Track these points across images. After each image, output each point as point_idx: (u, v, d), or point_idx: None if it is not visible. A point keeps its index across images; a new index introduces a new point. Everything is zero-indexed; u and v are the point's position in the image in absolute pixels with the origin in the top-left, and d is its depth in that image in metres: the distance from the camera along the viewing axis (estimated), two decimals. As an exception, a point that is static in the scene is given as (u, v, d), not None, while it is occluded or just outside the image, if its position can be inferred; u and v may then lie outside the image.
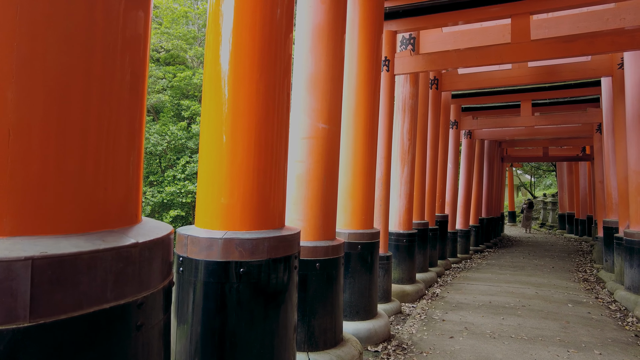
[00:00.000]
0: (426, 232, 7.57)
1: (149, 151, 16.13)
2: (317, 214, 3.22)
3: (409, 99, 6.55)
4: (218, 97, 2.30)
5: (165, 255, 1.29)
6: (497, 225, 16.57)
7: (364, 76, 4.31)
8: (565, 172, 20.36)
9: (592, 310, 5.84)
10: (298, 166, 3.24)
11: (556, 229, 21.15)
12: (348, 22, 4.41)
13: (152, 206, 15.43)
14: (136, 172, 1.31)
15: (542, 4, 5.31)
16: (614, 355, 4.05)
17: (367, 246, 4.30)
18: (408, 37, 6.68)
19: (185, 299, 2.31)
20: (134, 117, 1.28)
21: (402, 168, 6.53)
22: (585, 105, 10.65)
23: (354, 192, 4.36)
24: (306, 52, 3.25)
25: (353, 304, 4.20)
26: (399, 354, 3.95)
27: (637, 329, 5.00)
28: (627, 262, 6.32)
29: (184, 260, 2.29)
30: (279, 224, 2.35)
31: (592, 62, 7.66)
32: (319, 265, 3.16)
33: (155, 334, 1.22)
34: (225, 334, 2.21)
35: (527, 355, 3.98)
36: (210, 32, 2.38)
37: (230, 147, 2.24)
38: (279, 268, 2.25)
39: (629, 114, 6.43)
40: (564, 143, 15.72)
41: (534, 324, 5.02)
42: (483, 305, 5.89)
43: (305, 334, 3.19)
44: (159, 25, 18.30)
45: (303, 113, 3.24)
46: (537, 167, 29.87)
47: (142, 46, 1.29)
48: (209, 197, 2.29)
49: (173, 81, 17.27)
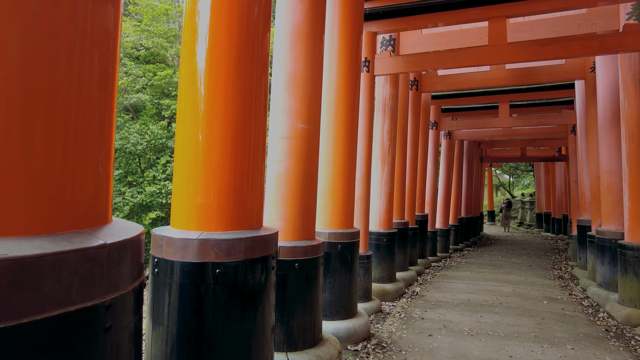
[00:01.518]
0: (406, 232, 7.64)
1: (129, 151, 15.85)
2: (297, 214, 3.22)
3: (389, 100, 6.61)
4: (194, 95, 2.27)
5: (135, 256, 1.27)
6: (477, 224, 16.86)
7: (343, 76, 4.33)
8: (542, 172, 20.87)
9: (566, 306, 6.00)
10: (277, 166, 3.23)
11: (534, 228, 21.65)
12: (328, 23, 4.42)
13: (130, 207, 15.15)
14: (106, 171, 1.28)
15: (518, 8, 5.43)
16: (585, 349, 4.17)
17: (347, 246, 4.32)
18: (388, 38, 6.74)
19: (160, 300, 2.27)
20: (103, 114, 1.26)
21: (383, 168, 6.58)
22: (561, 107, 10.94)
23: (334, 192, 4.37)
24: (285, 52, 3.24)
25: (333, 303, 4.21)
26: (379, 352, 3.98)
27: (607, 324, 5.16)
28: (599, 260, 6.51)
29: (159, 262, 2.26)
30: (257, 224, 2.34)
31: (566, 65, 7.88)
32: (298, 266, 3.16)
33: (125, 335, 1.20)
34: (201, 336, 2.19)
35: (503, 352, 4.06)
36: (186, 30, 2.35)
37: (207, 146, 2.22)
38: (256, 269, 2.25)
39: (601, 116, 6.63)
40: (541, 144, 16.10)
41: (511, 321, 5.13)
42: (462, 303, 5.98)
43: (284, 334, 3.19)
44: (139, 22, 17.99)
45: (282, 113, 3.24)
46: (516, 167, 30.51)
47: (112, 42, 1.27)
48: (185, 197, 2.27)
49: (153, 80, 17.00)
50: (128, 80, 16.24)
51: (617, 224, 6.29)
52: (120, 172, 15.98)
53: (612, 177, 6.38)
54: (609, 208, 6.45)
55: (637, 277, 5.22)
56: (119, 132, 15.93)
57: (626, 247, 5.40)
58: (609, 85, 6.51)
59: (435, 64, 5.92)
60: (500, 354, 4.02)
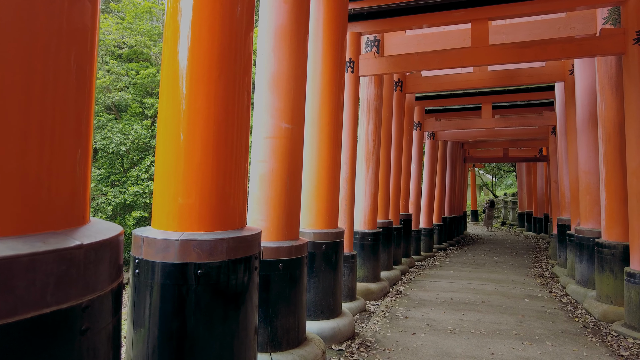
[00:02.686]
0: (391, 231, 7.70)
1: (112, 151, 15.60)
2: (280, 214, 3.22)
3: (373, 101, 6.64)
4: (176, 94, 2.25)
5: (114, 256, 1.25)
6: (460, 223, 17.08)
7: (328, 77, 4.34)
8: (524, 172, 21.25)
9: (546, 304, 6.12)
10: (261, 166, 3.22)
11: (516, 227, 22.02)
12: (312, 23, 4.42)
13: (113, 207, 14.92)
14: (83, 171, 1.26)
15: (500, 11, 5.53)
16: (563, 345, 4.26)
17: (332, 245, 4.33)
18: (373, 39, 6.78)
19: (141, 302, 2.25)
20: (80, 113, 1.24)
21: (367, 168, 6.61)
22: (541, 108, 11.16)
23: (319, 192, 4.38)
24: (269, 51, 3.23)
25: (317, 303, 4.22)
26: (363, 351, 4.00)
27: (585, 320, 5.28)
28: (578, 258, 6.67)
29: (140, 262, 2.23)
30: (239, 225, 2.33)
31: (546, 68, 8.04)
32: (282, 266, 3.16)
33: (102, 338, 1.18)
34: (183, 337, 2.17)
35: (485, 350, 4.12)
36: (168, 28, 2.33)
37: (188, 145, 2.20)
38: (239, 269, 2.24)
39: (579, 117, 6.79)
40: (523, 144, 16.39)
41: (493, 319, 5.21)
42: (445, 302, 6.05)
43: (268, 334, 3.18)
44: (121, 20, 17.72)
45: (266, 113, 3.23)
46: (499, 167, 31.00)
47: (90, 39, 1.25)
48: (166, 198, 2.24)
49: (136, 78, 16.76)
50: (110, 78, 15.97)
51: (595, 222, 6.45)
52: (103, 172, 15.73)
53: (590, 177, 6.54)
54: (587, 207, 6.61)
55: (613, 275, 5.36)
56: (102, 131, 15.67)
57: (603, 245, 5.54)
58: (586, 87, 6.67)
59: (419, 65, 5.98)
60: (482, 351, 4.08)
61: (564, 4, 5.19)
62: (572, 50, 5.22)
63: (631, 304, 4.67)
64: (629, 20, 5.07)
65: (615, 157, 5.47)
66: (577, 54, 5.27)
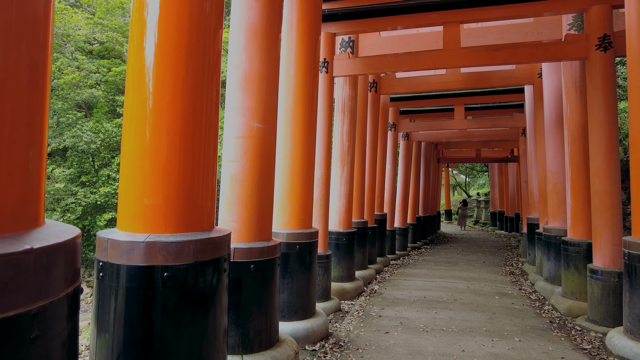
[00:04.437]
0: (365, 231, 7.75)
1: (81, 149, 15.14)
2: (252, 215, 3.18)
3: (348, 101, 6.67)
4: (142, 91, 2.19)
5: (69, 260, 1.20)
6: (434, 223, 17.36)
7: (301, 76, 4.32)
8: (496, 172, 21.78)
9: (516, 300, 6.28)
10: (232, 166, 3.18)
11: (488, 226, 22.56)
12: (285, 23, 4.40)
13: (84, 207, 14.48)
14: (37, 171, 1.21)
15: (471, 14, 5.64)
16: (531, 341, 4.39)
17: (306, 246, 4.32)
18: (347, 39, 6.80)
19: (106, 306, 2.18)
20: (33, 110, 1.18)
21: (342, 168, 6.63)
22: (512, 110, 11.46)
23: (292, 192, 4.36)
24: (240, 50, 3.19)
25: (291, 304, 4.20)
26: (336, 351, 4.01)
27: (551, 315, 5.45)
28: (545, 255, 6.88)
29: (105, 265, 2.16)
30: (208, 226, 2.29)
31: (516, 71, 8.26)
32: (253, 267, 3.13)
33: (56, 345, 1.13)
34: (150, 341, 2.12)
35: (456, 347, 4.19)
36: (134, 23, 2.27)
37: (154, 144, 2.15)
38: (207, 271, 2.20)
39: (547, 119, 7.00)
40: (495, 145, 16.80)
41: (464, 317, 5.30)
42: (418, 300, 6.13)
43: (240, 336, 3.14)
44: (92, 15, 17.20)
45: (237, 112, 3.19)
46: (472, 167, 31.69)
47: (43, 30, 1.19)
48: (132, 198, 2.18)
49: (108, 76, 16.31)
50: (80, 75, 15.48)
51: (562, 221, 6.67)
52: (73, 172, 15.24)
53: (557, 177, 6.76)
54: (555, 206, 6.83)
55: (577, 271, 5.55)
56: (71, 129, 15.18)
57: (569, 243, 5.73)
58: (553, 90, 6.89)
59: (393, 66, 6.04)
60: (453, 348, 4.15)
61: (531, 9, 5.34)
62: (539, 54, 5.38)
63: (593, 299, 4.85)
64: (592, 26, 5.26)
65: (580, 158, 5.67)
66: (543, 58, 5.43)
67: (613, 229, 4.89)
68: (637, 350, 3.62)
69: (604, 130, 5.02)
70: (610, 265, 4.82)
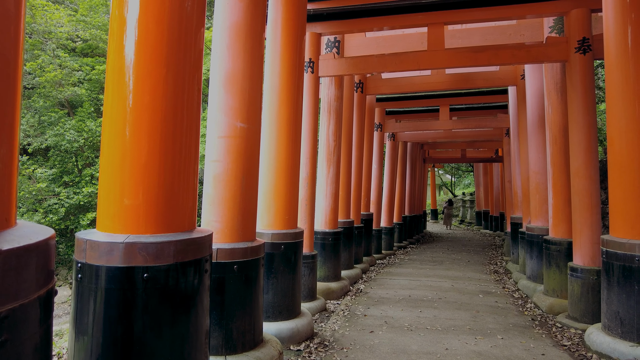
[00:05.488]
0: (352, 230, 7.77)
1: (64, 149, 14.87)
2: (235, 215, 3.16)
3: (334, 101, 6.68)
4: (122, 89, 2.16)
5: (42, 261, 1.18)
6: (420, 222, 17.51)
7: (286, 76, 4.31)
8: (482, 172, 22.04)
9: (499, 299, 6.37)
10: (215, 166, 3.15)
11: (474, 225, 22.82)
12: (270, 22, 4.39)
13: (66, 208, 14.23)
14: (7, 171, 1.18)
15: (455, 16, 5.70)
16: (513, 338, 4.45)
17: (291, 246, 4.31)
18: (333, 40, 6.81)
19: (85, 308, 2.14)
20: (3, 106, 1.16)
21: (328, 168, 6.64)
22: (496, 111, 11.61)
23: (277, 192, 4.35)
24: (223, 49, 3.17)
25: (276, 304, 4.18)
26: (321, 351, 4.01)
27: (533, 313, 5.54)
28: (528, 254, 6.99)
29: (83, 267, 2.13)
30: (189, 226, 2.27)
31: (500, 72, 8.37)
32: (237, 268, 3.11)
33: (27, 349, 1.11)
34: (130, 343, 2.09)
35: (440, 345, 4.23)
36: (114, 20, 2.23)
37: (135, 144, 2.12)
38: (188, 272, 2.17)
39: (530, 120, 7.12)
40: (480, 145, 17.00)
41: (448, 315, 5.36)
42: (403, 299, 6.17)
43: (223, 337, 3.12)
44: (74, 12, 16.90)
45: (220, 111, 3.17)
46: (457, 167, 32.02)
47: (14, 25, 1.17)
48: (111, 199, 2.15)
49: (91, 74, 16.06)
50: (62, 73, 15.20)
51: (544, 220, 6.78)
52: (55, 172, 14.96)
53: (540, 177, 6.87)
54: (537, 206, 6.94)
55: (559, 270, 5.66)
56: (53, 128, 14.90)
57: (550, 241, 5.83)
58: (536, 92, 7.00)
59: (378, 66, 6.07)
60: (437, 347, 4.18)
61: (513, 11, 5.42)
62: (521, 56, 5.47)
63: (574, 297, 4.95)
64: (571, 30, 5.37)
65: (561, 158, 5.78)
66: (525, 60, 5.52)
67: (592, 228, 5.00)
68: (614, 346, 3.71)
69: (584, 131, 5.12)
70: (590, 263, 4.92)
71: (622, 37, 3.75)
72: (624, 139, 3.80)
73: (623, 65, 3.76)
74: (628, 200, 3.77)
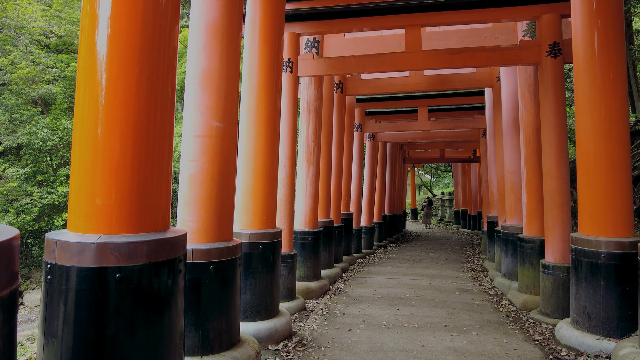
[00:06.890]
0: (332, 230, 7.80)
1: (37, 147, 14.46)
2: (212, 215, 3.15)
3: (313, 102, 6.70)
4: (94, 87, 2.13)
5: (5, 262, 1.16)
6: (400, 221, 17.70)
7: (264, 76, 4.31)
8: (460, 172, 22.44)
9: (475, 296, 6.50)
10: (190, 165, 3.13)
11: (452, 224, 23.20)
12: (248, 22, 4.38)
13: (40, 208, 13.85)
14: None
15: (432, 18, 5.79)
16: (487, 334, 4.56)
17: (269, 246, 4.31)
18: (312, 40, 6.83)
19: (54, 310, 2.10)
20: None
21: (308, 168, 6.65)
22: (474, 112, 11.84)
23: (255, 192, 4.34)
24: (199, 48, 3.15)
25: (254, 304, 4.18)
26: (299, 350, 4.02)
27: (508, 310, 5.68)
28: (504, 252, 7.15)
29: (53, 268, 2.08)
30: (163, 226, 2.25)
31: (477, 74, 8.55)
32: (213, 268, 3.09)
33: (-11, 351, 1.09)
34: (102, 346, 2.06)
35: (416, 342, 4.30)
36: (85, 15, 2.19)
37: (107, 142, 2.09)
38: (162, 272, 2.16)
39: (505, 121, 7.29)
40: (458, 146, 17.30)
41: (425, 313, 5.44)
42: (382, 298, 6.24)
43: (199, 338, 3.10)
44: (48, 7, 16.45)
45: (196, 111, 3.15)
46: (437, 167, 32.49)
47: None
48: (83, 198, 2.11)
49: (66, 71, 15.66)
50: (36, 69, 14.78)
51: (518, 219, 6.95)
52: (28, 171, 14.54)
53: (514, 177, 7.05)
54: (512, 205, 7.12)
55: (532, 267, 5.81)
56: (26, 126, 14.48)
57: (524, 240, 5.99)
58: (511, 94, 7.18)
59: (356, 67, 6.12)
60: (414, 344, 4.25)
61: (488, 15, 5.55)
62: (496, 58, 5.60)
63: (545, 293, 5.09)
64: (543, 34, 5.52)
65: (534, 158, 5.94)
66: (500, 62, 5.66)
67: (563, 226, 5.16)
68: (582, 340, 3.84)
69: (555, 132, 5.28)
70: (560, 260, 5.08)
71: (589, 42, 3.89)
72: (591, 140, 3.94)
73: (590, 69, 3.90)
74: (595, 199, 3.91)
